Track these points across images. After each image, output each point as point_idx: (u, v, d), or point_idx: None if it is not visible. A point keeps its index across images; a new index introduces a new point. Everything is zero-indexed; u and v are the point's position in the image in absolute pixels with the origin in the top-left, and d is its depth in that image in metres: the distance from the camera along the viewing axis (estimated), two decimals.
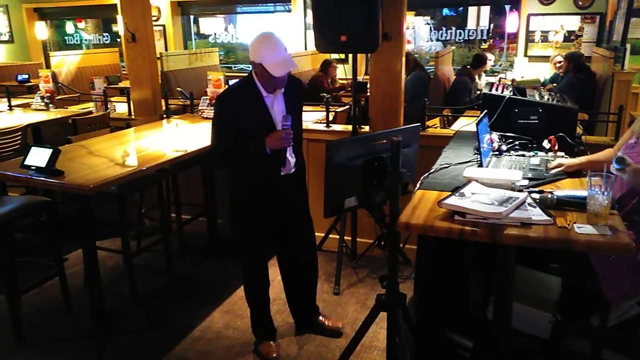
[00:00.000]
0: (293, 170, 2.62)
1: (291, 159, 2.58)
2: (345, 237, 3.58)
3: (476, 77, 6.10)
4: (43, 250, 3.93)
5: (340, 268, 3.43)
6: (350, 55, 3.45)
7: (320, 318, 2.95)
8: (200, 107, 4.24)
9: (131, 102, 4.45)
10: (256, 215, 2.61)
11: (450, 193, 1.95)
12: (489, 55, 6.42)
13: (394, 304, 2.18)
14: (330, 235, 3.79)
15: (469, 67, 6.20)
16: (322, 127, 3.84)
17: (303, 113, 2.74)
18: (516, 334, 2.20)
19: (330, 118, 3.83)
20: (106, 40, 10.35)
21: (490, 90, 3.01)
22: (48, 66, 7.56)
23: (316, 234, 3.74)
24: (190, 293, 3.42)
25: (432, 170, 2.38)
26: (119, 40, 8.83)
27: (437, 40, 8.43)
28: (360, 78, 6.16)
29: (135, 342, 2.90)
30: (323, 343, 2.84)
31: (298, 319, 2.99)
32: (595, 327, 2.42)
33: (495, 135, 2.70)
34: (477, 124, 2.38)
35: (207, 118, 4.02)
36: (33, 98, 4.84)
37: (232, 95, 2.55)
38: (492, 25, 8.24)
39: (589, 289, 2.36)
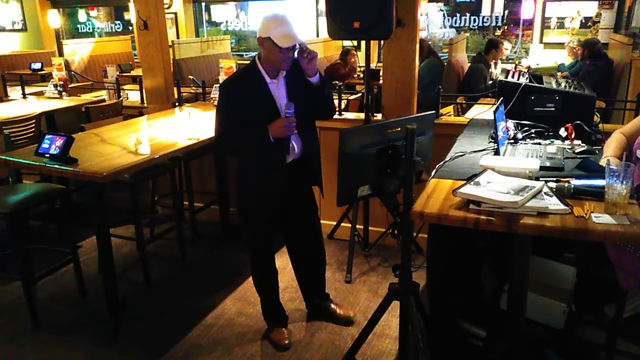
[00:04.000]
0: (299, 156, 2.59)
1: (296, 145, 2.55)
2: (357, 226, 3.57)
3: (492, 64, 5.99)
4: (57, 237, 3.98)
5: (352, 256, 3.43)
6: (363, 42, 3.41)
7: (332, 306, 2.95)
8: (212, 95, 4.23)
9: (143, 90, 4.46)
10: (262, 203, 2.61)
11: (465, 182, 1.93)
12: (506, 44, 6.28)
13: (407, 292, 2.17)
14: (342, 224, 3.78)
15: (482, 53, 6.10)
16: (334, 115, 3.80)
17: None
18: (530, 324, 2.19)
19: (343, 106, 3.79)
20: (118, 28, 10.38)
21: (506, 77, 2.96)
22: (61, 54, 7.58)
23: (328, 222, 3.75)
24: (202, 280, 3.44)
25: (446, 159, 2.36)
26: (131, 28, 8.83)
27: (451, 27, 8.34)
28: (373, 65, 6.08)
29: (149, 328, 2.92)
30: (335, 331, 2.85)
31: (309, 305, 3.00)
32: (610, 318, 2.40)
33: (510, 123, 2.66)
34: (495, 112, 2.34)
35: None
36: (46, 86, 4.86)
37: (235, 83, 2.53)
38: (506, 12, 8.12)
39: (604, 279, 2.33)
